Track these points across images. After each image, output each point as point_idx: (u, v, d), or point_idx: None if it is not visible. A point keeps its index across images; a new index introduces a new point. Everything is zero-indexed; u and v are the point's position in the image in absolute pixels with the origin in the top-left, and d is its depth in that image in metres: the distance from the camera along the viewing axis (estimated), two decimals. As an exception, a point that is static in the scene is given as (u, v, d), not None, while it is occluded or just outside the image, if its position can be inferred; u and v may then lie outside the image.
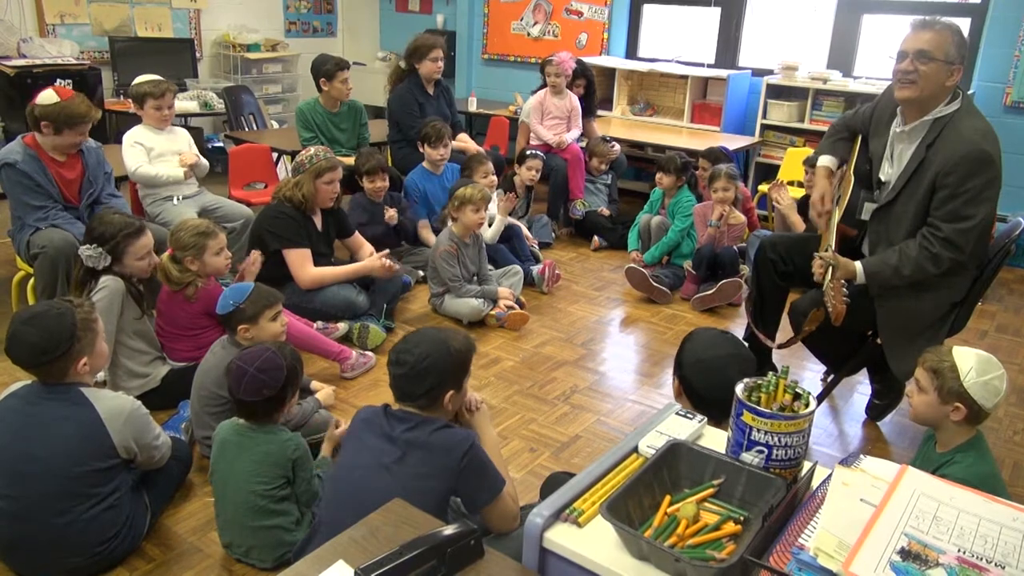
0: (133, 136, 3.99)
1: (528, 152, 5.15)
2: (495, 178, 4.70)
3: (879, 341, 2.86)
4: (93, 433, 2.15)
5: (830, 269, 2.65)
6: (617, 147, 5.54)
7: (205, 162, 4.22)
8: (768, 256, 3.09)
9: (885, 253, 2.71)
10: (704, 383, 1.98)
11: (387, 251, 3.88)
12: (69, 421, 2.15)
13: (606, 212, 5.37)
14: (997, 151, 2.57)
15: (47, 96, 3.41)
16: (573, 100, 5.51)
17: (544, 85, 5.53)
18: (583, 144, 5.55)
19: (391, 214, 4.45)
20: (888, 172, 2.78)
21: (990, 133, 2.59)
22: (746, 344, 2.66)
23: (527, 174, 5.10)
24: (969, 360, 2.06)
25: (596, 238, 5.29)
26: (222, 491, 2.29)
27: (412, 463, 1.92)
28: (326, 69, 4.77)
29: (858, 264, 2.72)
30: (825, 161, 3.00)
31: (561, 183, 5.35)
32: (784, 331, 3.14)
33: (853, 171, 2.96)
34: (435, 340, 2.04)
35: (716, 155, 4.88)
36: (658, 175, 4.82)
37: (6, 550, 2.21)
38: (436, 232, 4.56)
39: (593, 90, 5.78)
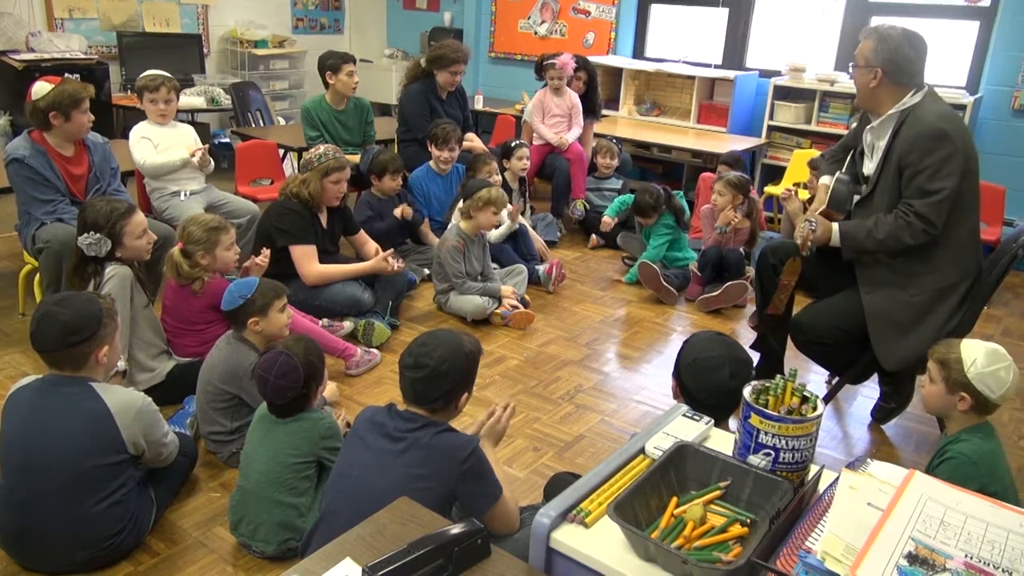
0: (139, 131, 4.02)
1: (514, 143, 5.07)
2: (500, 177, 4.71)
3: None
4: (102, 428, 2.16)
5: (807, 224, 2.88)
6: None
7: (211, 160, 4.23)
8: (768, 261, 3.16)
9: (863, 220, 2.82)
10: (696, 384, 2.04)
11: (392, 250, 3.88)
12: (79, 416, 2.15)
13: (610, 222, 5.03)
14: (956, 129, 2.66)
15: (41, 87, 3.38)
16: (573, 98, 5.47)
17: (546, 85, 5.52)
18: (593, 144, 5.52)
19: (405, 209, 4.45)
20: (868, 167, 2.89)
21: (949, 115, 2.71)
22: (745, 347, 2.67)
23: (518, 164, 5.00)
24: (976, 351, 2.14)
25: (594, 236, 5.29)
26: (250, 460, 2.34)
27: (411, 462, 1.91)
28: (331, 63, 4.80)
29: (835, 225, 2.85)
30: (825, 180, 3.10)
31: (563, 182, 5.35)
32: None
33: (844, 172, 3.01)
34: (451, 343, 2.02)
35: (734, 160, 4.87)
36: (639, 219, 4.68)
37: (13, 543, 2.22)
38: (436, 232, 4.60)
39: (595, 85, 5.67)
